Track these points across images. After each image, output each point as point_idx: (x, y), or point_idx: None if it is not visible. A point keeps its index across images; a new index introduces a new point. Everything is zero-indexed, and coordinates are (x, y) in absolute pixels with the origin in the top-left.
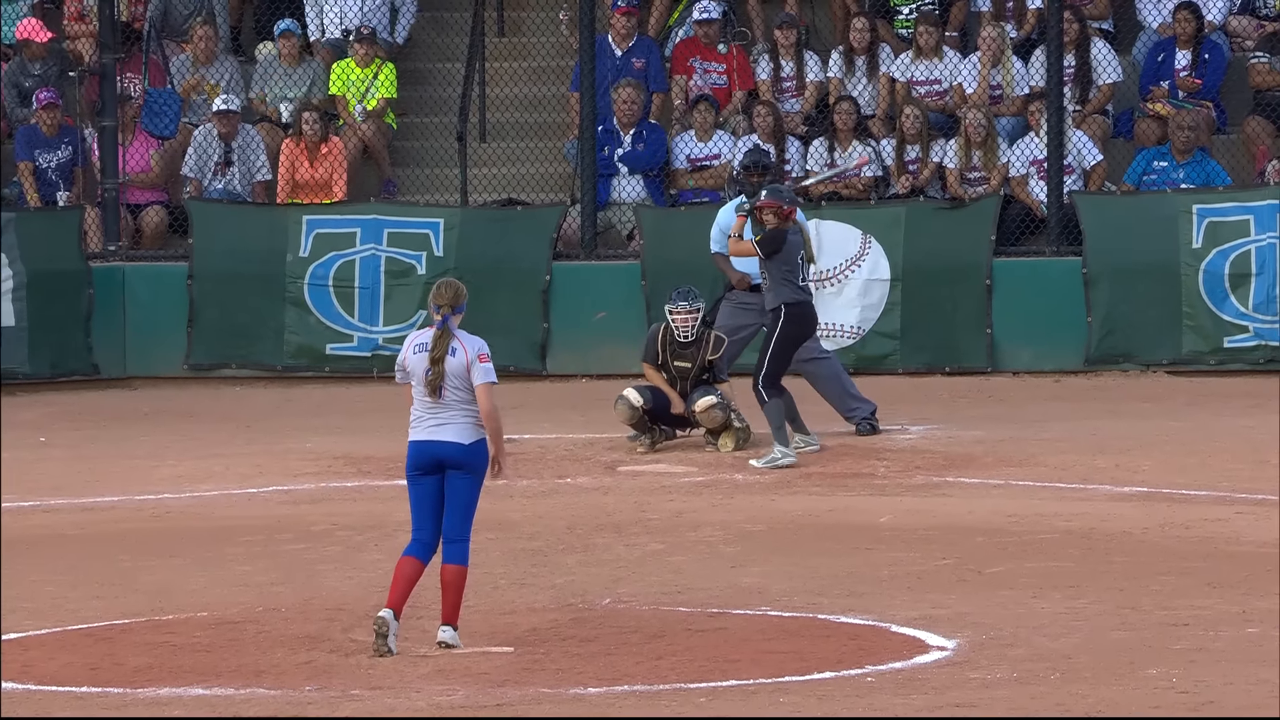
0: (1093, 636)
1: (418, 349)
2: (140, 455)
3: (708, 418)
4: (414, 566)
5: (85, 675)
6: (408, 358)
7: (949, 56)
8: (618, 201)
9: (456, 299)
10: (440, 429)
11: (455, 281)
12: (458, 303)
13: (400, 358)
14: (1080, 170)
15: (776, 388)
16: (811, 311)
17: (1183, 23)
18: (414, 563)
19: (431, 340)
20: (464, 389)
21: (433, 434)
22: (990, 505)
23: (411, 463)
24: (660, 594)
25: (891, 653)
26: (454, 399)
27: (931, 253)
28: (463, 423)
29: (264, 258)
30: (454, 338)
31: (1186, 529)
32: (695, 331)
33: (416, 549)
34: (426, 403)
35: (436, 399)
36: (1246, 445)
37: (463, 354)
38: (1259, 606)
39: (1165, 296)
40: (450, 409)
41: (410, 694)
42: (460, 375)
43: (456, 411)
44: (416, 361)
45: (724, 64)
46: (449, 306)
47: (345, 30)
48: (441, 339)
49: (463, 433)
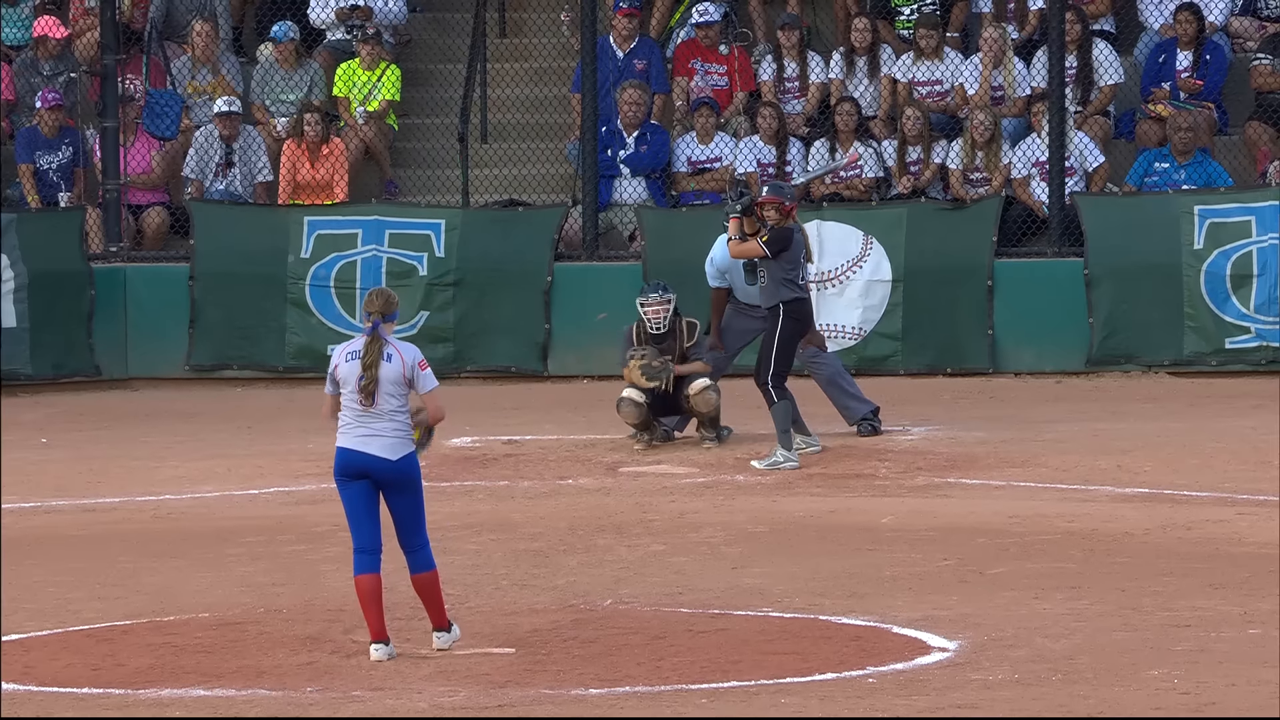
0: (1094, 638)
1: (349, 357)
2: (142, 456)
3: (702, 400)
4: (372, 582)
5: (87, 676)
6: (339, 366)
7: (950, 57)
8: (619, 203)
9: (387, 306)
10: (368, 440)
11: (387, 290)
12: (389, 310)
13: (331, 368)
14: (1082, 171)
15: (783, 388)
16: (809, 312)
17: (1184, 24)
18: (370, 579)
19: (363, 347)
20: (398, 396)
21: (361, 445)
22: (992, 506)
23: (339, 468)
24: (662, 595)
25: (893, 654)
26: (387, 407)
27: (933, 254)
28: (391, 436)
29: (265, 258)
30: (387, 344)
31: (1188, 530)
32: (667, 323)
33: (364, 562)
34: (356, 410)
35: (370, 405)
36: (1248, 446)
37: (399, 361)
38: (1261, 608)
39: (1167, 297)
40: (381, 419)
41: (412, 695)
42: (396, 382)
43: (386, 422)
44: (348, 369)
45: (725, 65)
46: (379, 313)
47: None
48: (372, 345)
49: (391, 447)
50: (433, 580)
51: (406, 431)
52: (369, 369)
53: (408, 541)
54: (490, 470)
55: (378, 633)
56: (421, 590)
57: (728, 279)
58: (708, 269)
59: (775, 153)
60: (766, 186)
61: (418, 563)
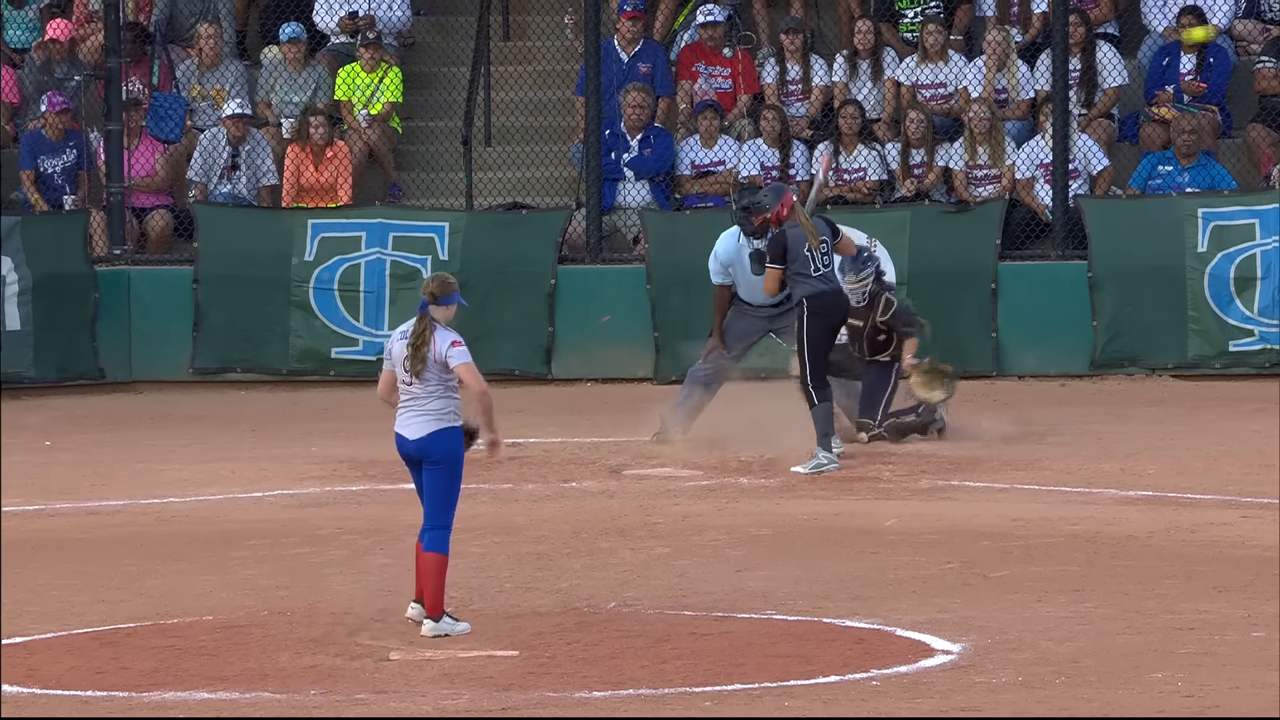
0: (1098, 640)
1: (401, 336)
2: (146, 459)
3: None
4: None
5: (90, 679)
6: (393, 344)
7: (954, 60)
8: (623, 206)
9: (441, 289)
10: (407, 425)
11: (444, 274)
12: (441, 292)
13: (387, 345)
14: (1086, 174)
15: (823, 387)
16: (835, 299)
17: (1188, 27)
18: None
19: (412, 327)
20: (435, 378)
21: (401, 429)
22: (996, 509)
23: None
24: (666, 598)
25: (897, 656)
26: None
27: (937, 256)
28: (424, 416)
29: (269, 261)
30: (433, 327)
31: (1192, 533)
32: (866, 297)
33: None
34: (404, 389)
35: (419, 381)
36: (1252, 449)
37: (434, 343)
38: (1264, 610)
39: (1171, 300)
40: (419, 400)
41: (416, 698)
42: (430, 364)
43: (425, 401)
44: (399, 348)
45: (729, 68)
46: (430, 295)
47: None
48: (419, 324)
49: (423, 426)
50: (436, 564)
51: (442, 412)
52: (416, 348)
53: (430, 517)
54: (494, 473)
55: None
56: (423, 570)
57: (731, 274)
58: (711, 265)
59: (779, 156)
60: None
61: (430, 541)
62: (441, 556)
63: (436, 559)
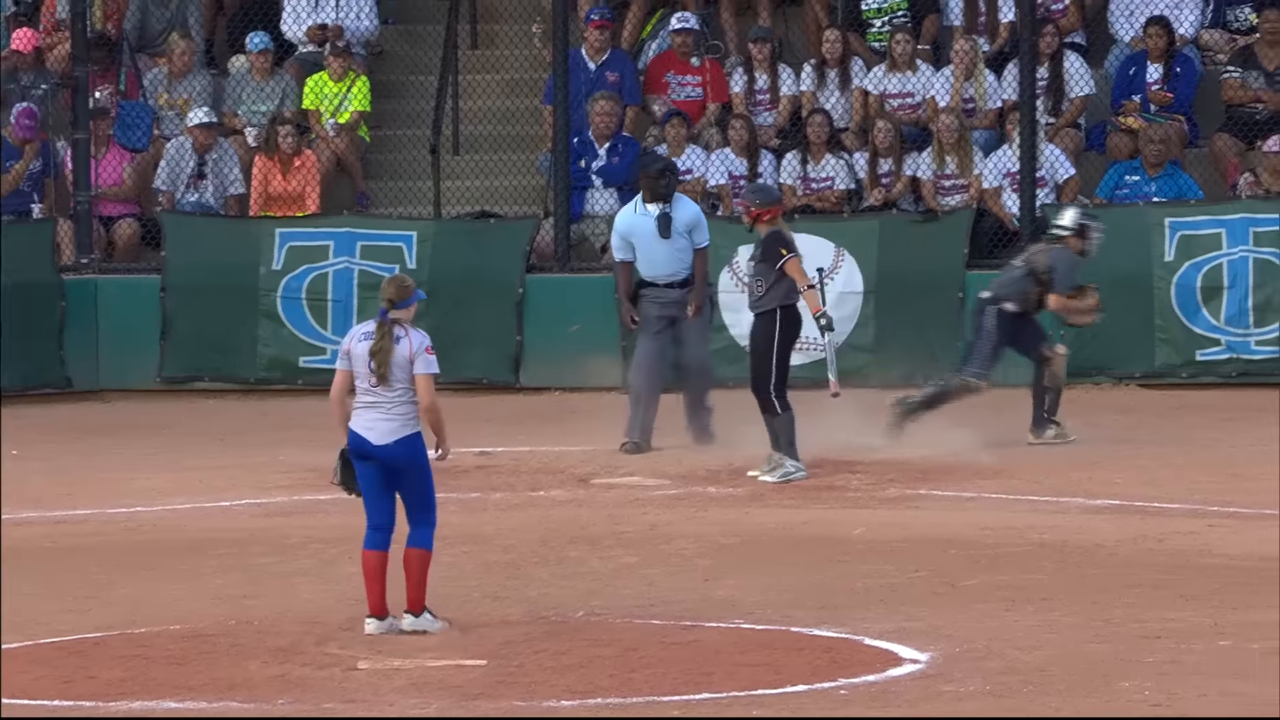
0: (1066, 649)
1: (362, 337)
2: (113, 468)
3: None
4: (377, 559)
5: (58, 689)
6: (352, 344)
7: (922, 70)
8: (591, 214)
9: (399, 293)
10: (370, 428)
11: (400, 276)
12: (400, 297)
13: (344, 345)
14: (1053, 183)
15: (787, 396)
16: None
17: (1154, 37)
18: (376, 555)
19: (374, 330)
20: (404, 380)
21: (364, 429)
22: (964, 518)
23: (350, 448)
24: (634, 607)
25: (865, 666)
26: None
27: (905, 265)
28: (390, 420)
29: (237, 270)
30: (398, 327)
31: (1159, 542)
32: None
33: (371, 538)
34: (365, 390)
35: (385, 386)
36: (1219, 458)
37: (407, 343)
38: (1231, 619)
39: (1138, 309)
40: (386, 403)
41: (384, 707)
42: (403, 365)
43: (391, 405)
44: (360, 349)
45: (699, 77)
46: (389, 301)
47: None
48: (380, 329)
49: (390, 432)
50: (420, 559)
51: (408, 416)
52: (376, 354)
53: (413, 515)
54: (462, 482)
55: (374, 608)
56: (408, 565)
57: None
58: (613, 241)
59: (747, 165)
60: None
61: (414, 538)
62: (427, 552)
63: (421, 555)
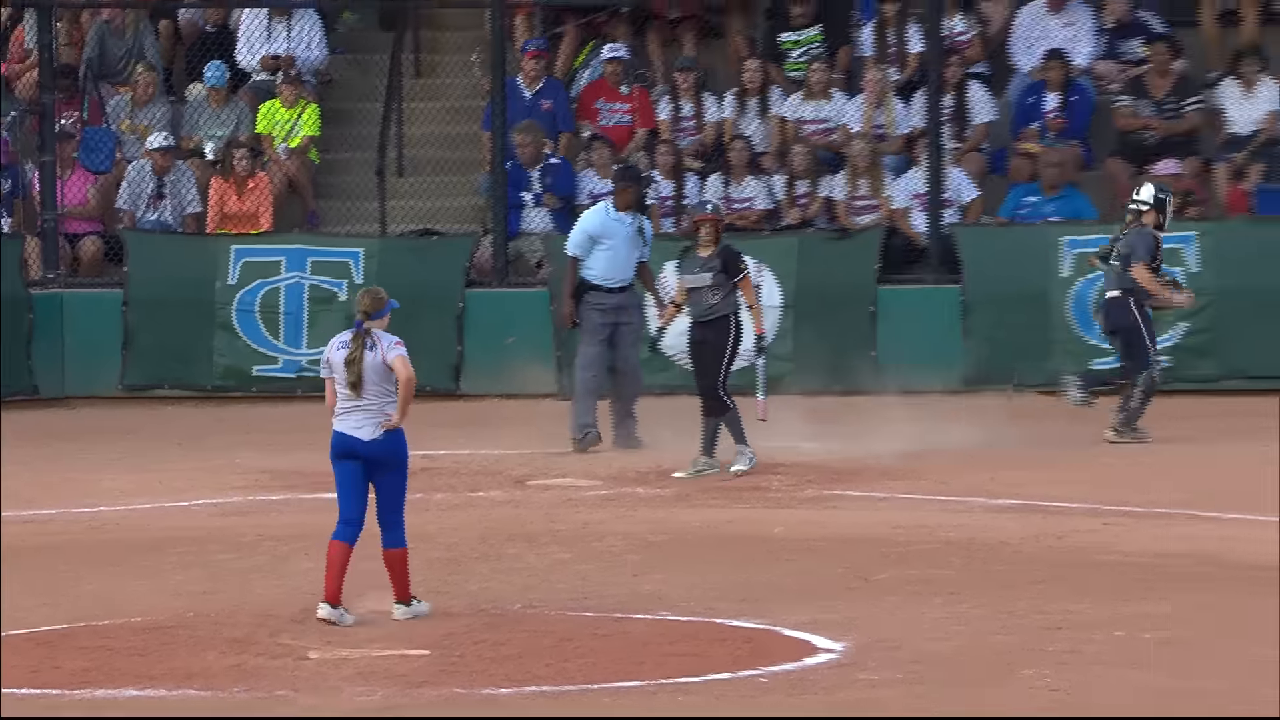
0: (973, 639)
1: (340, 346)
2: (79, 471)
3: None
4: (342, 551)
5: (25, 677)
6: (332, 353)
7: (836, 98)
8: (527, 232)
9: (373, 305)
10: (358, 427)
11: (376, 289)
12: (374, 309)
13: (325, 354)
14: (958, 204)
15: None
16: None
17: (1052, 68)
18: (342, 547)
19: (350, 340)
20: (380, 384)
21: (351, 430)
22: (876, 517)
23: (333, 449)
24: (568, 600)
25: (783, 655)
26: (373, 393)
27: (821, 280)
28: (377, 418)
29: (195, 285)
30: (372, 337)
31: (1059, 539)
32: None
33: (343, 531)
34: (346, 394)
35: (359, 395)
36: (1115, 460)
37: (378, 350)
38: (1126, 611)
39: (1037, 322)
40: (368, 406)
41: (333, 694)
42: (378, 370)
43: (374, 410)
44: (338, 358)
45: (628, 104)
46: (364, 313)
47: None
48: (355, 341)
49: (377, 429)
50: (400, 557)
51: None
52: (351, 364)
53: (385, 518)
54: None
55: (330, 595)
56: (390, 565)
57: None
58: (574, 238)
59: (674, 187)
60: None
61: (390, 539)
62: (404, 550)
63: (400, 553)
